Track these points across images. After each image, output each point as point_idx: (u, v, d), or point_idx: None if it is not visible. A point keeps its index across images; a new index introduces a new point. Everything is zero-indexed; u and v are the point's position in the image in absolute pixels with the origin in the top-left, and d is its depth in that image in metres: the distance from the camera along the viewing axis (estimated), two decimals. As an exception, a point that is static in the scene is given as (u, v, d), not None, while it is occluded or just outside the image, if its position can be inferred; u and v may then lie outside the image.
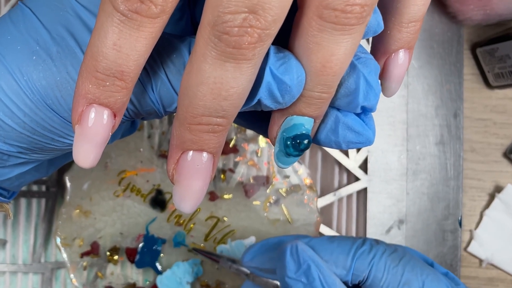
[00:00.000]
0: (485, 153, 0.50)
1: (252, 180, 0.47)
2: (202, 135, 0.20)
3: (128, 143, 0.46)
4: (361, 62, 0.22)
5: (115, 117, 0.20)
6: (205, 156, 0.20)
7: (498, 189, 0.50)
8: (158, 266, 0.46)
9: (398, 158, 0.49)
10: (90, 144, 0.20)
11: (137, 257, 0.46)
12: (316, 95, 0.21)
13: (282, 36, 0.20)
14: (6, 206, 0.29)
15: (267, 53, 0.20)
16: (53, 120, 0.22)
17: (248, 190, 0.47)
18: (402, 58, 0.24)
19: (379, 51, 0.24)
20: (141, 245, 0.46)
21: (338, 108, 0.23)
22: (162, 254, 0.46)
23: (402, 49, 0.23)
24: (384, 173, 0.48)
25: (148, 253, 0.46)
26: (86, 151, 0.20)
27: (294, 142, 0.22)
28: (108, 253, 0.46)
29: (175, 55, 0.21)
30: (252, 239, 0.47)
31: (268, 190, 0.47)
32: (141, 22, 0.18)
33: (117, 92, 0.20)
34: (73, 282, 0.45)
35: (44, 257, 0.47)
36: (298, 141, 0.22)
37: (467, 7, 0.46)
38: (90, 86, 0.19)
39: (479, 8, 0.46)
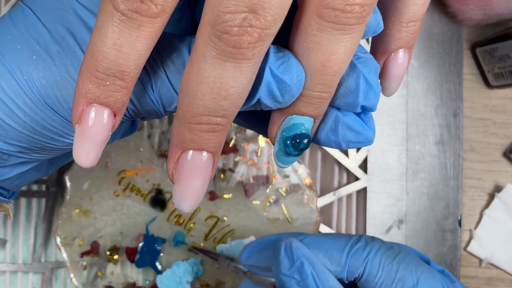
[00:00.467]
0: (485, 153, 0.50)
1: (252, 179, 0.47)
2: (202, 134, 0.20)
3: (128, 142, 0.46)
4: (361, 62, 0.22)
5: (115, 116, 0.20)
6: (205, 156, 0.21)
7: (498, 189, 0.50)
8: (158, 265, 0.46)
9: (398, 158, 0.49)
10: (90, 144, 0.20)
11: (137, 256, 0.46)
12: (315, 94, 0.21)
13: (282, 35, 0.20)
14: (6, 205, 0.29)
15: (267, 53, 0.20)
16: (53, 120, 0.22)
17: (248, 190, 0.47)
18: (401, 57, 0.24)
19: (378, 51, 0.24)
20: (141, 244, 0.46)
21: (338, 108, 0.23)
22: (162, 254, 0.46)
23: (402, 49, 0.23)
24: (383, 173, 0.48)
25: (148, 252, 0.46)
26: (86, 150, 0.20)
27: (293, 142, 0.22)
28: (108, 252, 0.46)
29: (175, 54, 0.21)
30: (252, 238, 0.47)
31: (268, 189, 0.47)
32: (141, 21, 0.18)
33: (117, 92, 0.20)
34: (73, 281, 0.45)
35: (44, 256, 0.47)
36: (297, 140, 0.22)
37: (466, 6, 0.46)
38: (90, 85, 0.19)
39: (478, 8, 0.46)
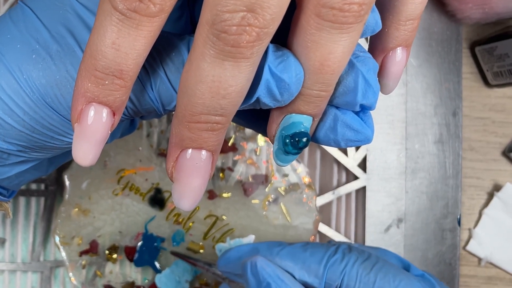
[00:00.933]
0: (484, 152, 0.50)
1: (251, 178, 0.47)
2: (201, 133, 0.20)
3: (127, 141, 0.46)
4: (360, 61, 0.22)
5: (114, 115, 0.20)
6: (204, 154, 0.21)
7: (497, 188, 0.50)
8: (157, 264, 0.46)
9: (397, 157, 0.49)
10: (89, 143, 0.20)
11: (136, 255, 0.46)
12: (314, 93, 0.21)
13: (280, 34, 0.20)
14: (5, 205, 0.29)
15: (265, 51, 0.20)
16: (52, 119, 0.22)
17: (247, 189, 0.47)
18: (399, 55, 0.24)
19: (376, 49, 0.24)
20: (140, 243, 0.46)
21: (337, 107, 0.23)
22: (161, 253, 0.47)
23: (400, 47, 0.23)
24: (383, 172, 0.48)
25: (147, 251, 0.46)
26: (85, 149, 0.20)
27: (292, 140, 0.22)
28: (107, 251, 0.46)
29: (174, 53, 0.21)
30: (251, 237, 0.47)
31: (267, 188, 0.47)
32: (140, 21, 0.18)
33: (116, 91, 0.20)
34: (72, 280, 0.46)
35: (43, 255, 0.47)
36: (296, 139, 0.22)
37: (465, 5, 0.46)
38: (89, 84, 0.19)
39: (478, 7, 0.46)
